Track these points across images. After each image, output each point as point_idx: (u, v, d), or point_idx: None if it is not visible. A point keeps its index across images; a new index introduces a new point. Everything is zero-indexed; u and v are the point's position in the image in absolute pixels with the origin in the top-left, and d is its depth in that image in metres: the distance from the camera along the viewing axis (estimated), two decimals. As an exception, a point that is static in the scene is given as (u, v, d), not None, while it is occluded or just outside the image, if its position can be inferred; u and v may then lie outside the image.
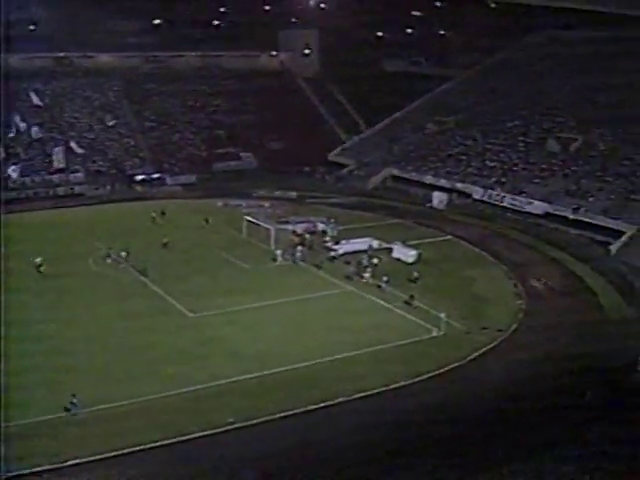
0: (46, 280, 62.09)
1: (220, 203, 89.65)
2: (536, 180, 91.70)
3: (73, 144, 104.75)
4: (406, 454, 35.80)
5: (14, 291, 57.73)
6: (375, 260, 67.16)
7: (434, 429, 38.42)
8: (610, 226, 77.95)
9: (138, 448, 37.04)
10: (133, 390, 42.93)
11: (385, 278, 62.09)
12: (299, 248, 70.45)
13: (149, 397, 42.36)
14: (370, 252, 69.20)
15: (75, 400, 40.27)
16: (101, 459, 36.13)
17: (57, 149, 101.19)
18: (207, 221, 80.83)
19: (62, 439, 38.01)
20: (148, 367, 46.63)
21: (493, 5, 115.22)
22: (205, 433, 38.88)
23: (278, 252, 69.37)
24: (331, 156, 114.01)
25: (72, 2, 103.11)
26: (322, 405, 42.14)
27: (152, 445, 37.45)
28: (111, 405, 41.35)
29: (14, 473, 34.57)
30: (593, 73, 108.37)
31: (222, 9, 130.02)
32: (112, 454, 36.46)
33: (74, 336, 50.81)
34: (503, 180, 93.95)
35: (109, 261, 67.28)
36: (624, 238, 75.03)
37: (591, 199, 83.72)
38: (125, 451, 36.76)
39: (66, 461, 35.83)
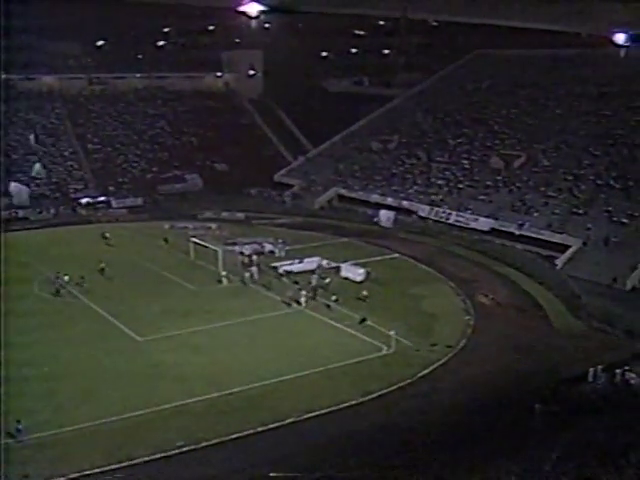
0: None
1: (167, 225, 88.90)
2: (481, 197, 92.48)
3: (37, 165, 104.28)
4: (356, 474, 35.53)
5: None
6: (327, 280, 67.10)
7: (384, 447, 38.31)
8: (555, 240, 78.73)
9: (85, 473, 36.40)
10: (80, 415, 42.29)
11: (334, 297, 62.04)
12: (253, 269, 70.30)
13: (96, 422, 41.63)
14: (319, 271, 69.09)
15: (20, 426, 39.48)
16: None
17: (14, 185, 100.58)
18: (166, 241, 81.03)
19: (7, 465, 37.16)
20: (95, 392, 45.88)
21: (435, 24, 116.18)
22: (153, 457, 38.30)
23: (223, 273, 69.01)
24: (277, 177, 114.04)
25: (14, 24, 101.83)
26: (272, 426, 41.79)
27: (99, 470, 36.77)
28: (57, 431, 40.58)
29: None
30: (534, 90, 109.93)
31: (165, 30, 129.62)
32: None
33: (19, 361, 49.69)
34: (448, 198, 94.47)
35: (58, 285, 66.23)
36: (569, 252, 75.78)
37: (536, 214, 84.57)
38: (72, 476, 36.15)
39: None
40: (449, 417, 43.09)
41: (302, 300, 61.95)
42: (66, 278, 66.59)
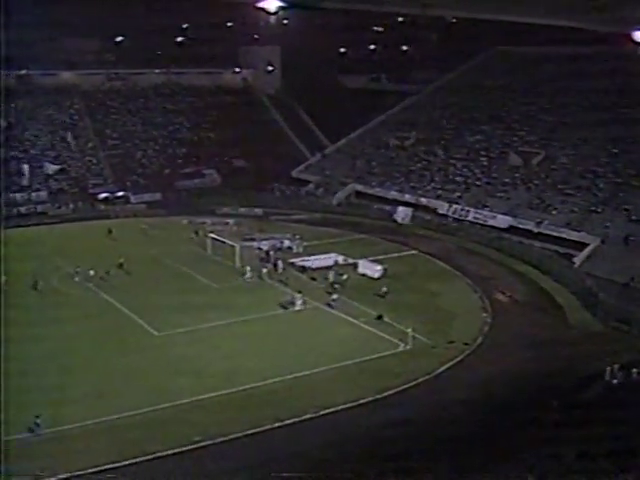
0: (9, 299, 61.32)
1: (185, 221, 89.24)
2: (499, 194, 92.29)
3: (47, 164, 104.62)
4: (373, 470, 35.58)
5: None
6: (345, 276, 67.18)
7: (401, 444, 38.31)
8: (573, 238, 78.51)
9: (102, 468, 36.58)
10: (98, 409, 42.57)
11: (335, 296, 61.75)
12: (279, 263, 70.76)
13: (113, 416, 41.89)
14: (335, 268, 69.15)
15: (39, 420, 39.79)
16: (65, 479, 35.75)
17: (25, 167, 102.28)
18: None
19: (26, 459, 37.42)
20: (112, 386, 46.20)
21: (453, 20, 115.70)
22: (169, 452, 38.51)
23: (248, 268, 69.00)
24: (295, 173, 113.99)
25: (33, 20, 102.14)
26: (289, 422, 41.95)
27: (116, 465, 36.99)
28: (75, 425, 40.88)
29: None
30: (553, 87, 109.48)
31: (184, 26, 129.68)
32: (76, 474, 36.04)
33: (38, 355, 49.99)
34: (466, 195, 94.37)
35: (77, 279, 66.72)
36: (587, 250, 75.53)
37: (554, 212, 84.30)
38: (89, 471, 36.32)
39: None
40: (465, 414, 42.99)
41: (299, 302, 60.94)
42: (91, 272, 67.03)
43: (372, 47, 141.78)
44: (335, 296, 61.73)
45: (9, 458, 37.06)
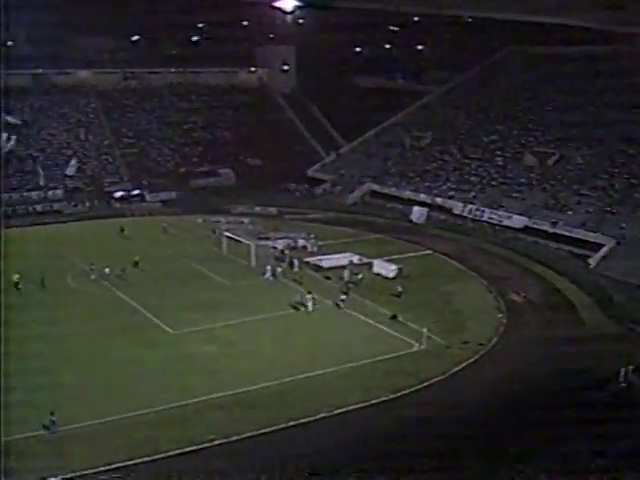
0: (24, 297, 61.70)
1: (200, 219, 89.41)
2: (514, 194, 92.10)
3: (73, 162, 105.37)
4: (387, 470, 35.59)
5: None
6: (360, 275, 67.20)
7: (415, 444, 38.28)
8: (589, 239, 78.32)
9: (117, 465, 36.75)
10: (112, 407, 42.69)
11: (343, 297, 61.58)
12: (295, 262, 71.10)
13: (128, 414, 42.05)
14: (349, 267, 69.14)
15: (54, 418, 39.89)
16: (78, 476, 35.87)
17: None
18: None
19: (41, 457, 37.64)
20: (127, 384, 46.34)
21: (469, 20, 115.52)
22: (184, 450, 38.64)
23: (268, 268, 69.02)
24: (310, 172, 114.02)
25: (49, 18, 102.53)
26: (303, 421, 42.03)
27: (131, 462, 37.17)
28: (90, 423, 41.03)
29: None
30: (568, 87, 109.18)
31: (200, 25, 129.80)
32: (91, 472, 36.17)
33: (52, 353, 50.25)
34: (481, 195, 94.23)
35: (93, 277, 66.97)
36: (603, 251, 75.35)
37: (569, 212, 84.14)
38: (103, 469, 36.47)
39: (44, 479, 35.49)
40: (479, 414, 42.97)
41: (309, 304, 60.34)
42: (107, 270, 67.26)
43: (387, 46, 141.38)
44: (343, 296, 61.58)
45: (26, 456, 37.50)
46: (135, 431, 40.66)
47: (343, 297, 61.45)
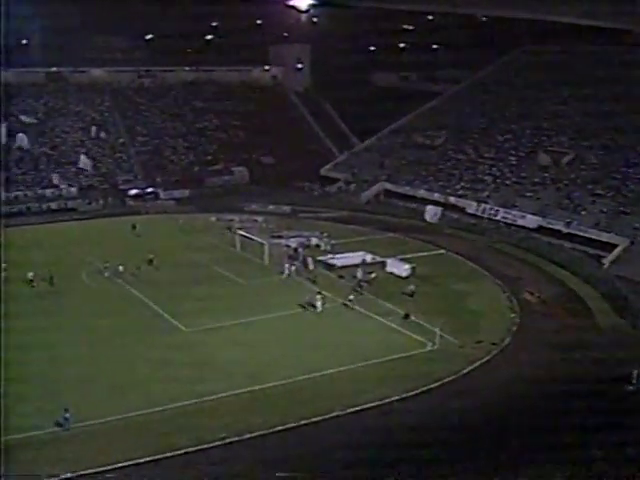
0: (38, 295, 61.96)
1: (213, 218, 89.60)
2: (528, 194, 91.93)
3: (82, 157, 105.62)
4: (399, 468, 35.56)
5: (4, 305, 57.53)
6: (373, 274, 67.19)
7: (427, 444, 38.26)
8: (602, 239, 78.11)
9: (129, 463, 36.88)
10: (124, 405, 42.87)
11: (351, 297, 61.39)
12: (308, 259, 71.08)
13: (141, 412, 42.24)
14: (363, 266, 69.13)
15: (68, 415, 40.02)
16: (93, 474, 35.97)
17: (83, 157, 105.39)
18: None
19: (54, 454, 37.82)
20: (140, 382, 46.48)
21: (483, 19, 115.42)
22: (195, 448, 38.69)
23: (286, 266, 69.22)
24: (323, 170, 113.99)
25: (64, 17, 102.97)
26: (314, 420, 42.04)
27: (143, 460, 37.31)
28: (103, 420, 41.23)
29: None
30: (582, 87, 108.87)
31: (214, 23, 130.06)
32: (103, 469, 36.29)
33: (66, 351, 50.55)
34: (495, 194, 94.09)
35: (107, 275, 67.19)
36: (616, 252, 75.17)
37: (583, 212, 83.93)
38: (116, 466, 36.57)
39: (56, 476, 35.60)
40: (492, 415, 42.93)
41: (319, 304, 60.04)
42: (121, 268, 67.44)
43: (402, 45, 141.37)
44: (351, 296, 61.46)
45: (40, 453, 37.68)
46: (147, 429, 40.81)
47: (351, 297, 61.29)
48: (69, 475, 35.80)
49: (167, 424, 41.38)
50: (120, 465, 36.65)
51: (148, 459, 37.39)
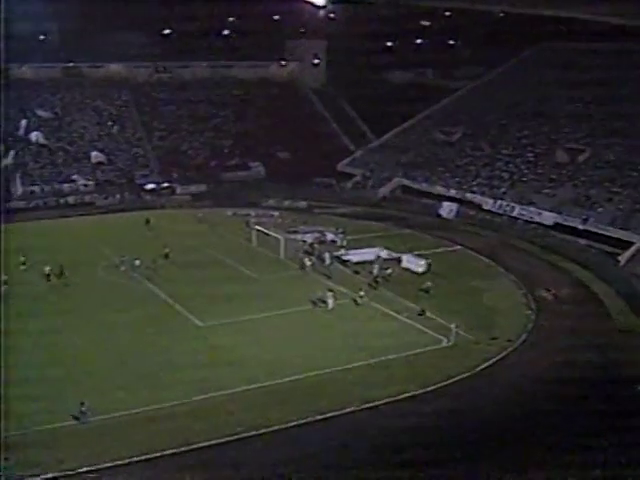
0: (55, 288, 62.25)
1: (230, 212, 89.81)
2: (545, 190, 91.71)
3: (94, 154, 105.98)
4: (413, 464, 35.61)
5: (22, 299, 57.94)
6: (389, 270, 67.12)
7: (442, 440, 38.38)
8: (619, 237, 77.85)
9: (147, 457, 37.08)
10: (142, 398, 42.99)
11: (362, 293, 61.08)
12: (326, 255, 70.77)
13: (155, 406, 42.35)
14: (378, 262, 69.11)
15: (84, 408, 40.15)
16: (111, 467, 36.21)
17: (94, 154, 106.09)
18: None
19: (72, 447, 37.98)
20: (156, 375, 46.62)
21: (501, 15, 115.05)
22: (213, 442, 38.85)
23: (306, 260, 69.31)
24: (340, 166, 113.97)
25: (82, 13, 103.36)
26: (330, 415, 42.09)
27: (160, 454, 37.46)
28: (119, 413, 41.37)
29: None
30: (600, 85, 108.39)
31: (230, 19, 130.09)
32: (122, 462, 36.54)
33: (83, 344, 50.90)
34: (512, 191, 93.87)
35: (123, 268, 67.35)
36: (632, 249, 74.87)
37: (600, 210, 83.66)
38: (135, 459, 36.81)
39: (76, 469, 35.85)
40: (506, 412, 43.03)
41: (330, 301, 59.52)
42: (137, 262, 67.51)
43: (418, 41, 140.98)
44: (362, 292, 61.16)
45: (56, 446, 37.84)
46: (163, 422, 40.83)
47: (362, 292, 61.06)
48: (86, 469, 36.00)
49: (182, 418, 41.40)
50: (137, 459, 36.87)
51: (162, 453, 37.50)
